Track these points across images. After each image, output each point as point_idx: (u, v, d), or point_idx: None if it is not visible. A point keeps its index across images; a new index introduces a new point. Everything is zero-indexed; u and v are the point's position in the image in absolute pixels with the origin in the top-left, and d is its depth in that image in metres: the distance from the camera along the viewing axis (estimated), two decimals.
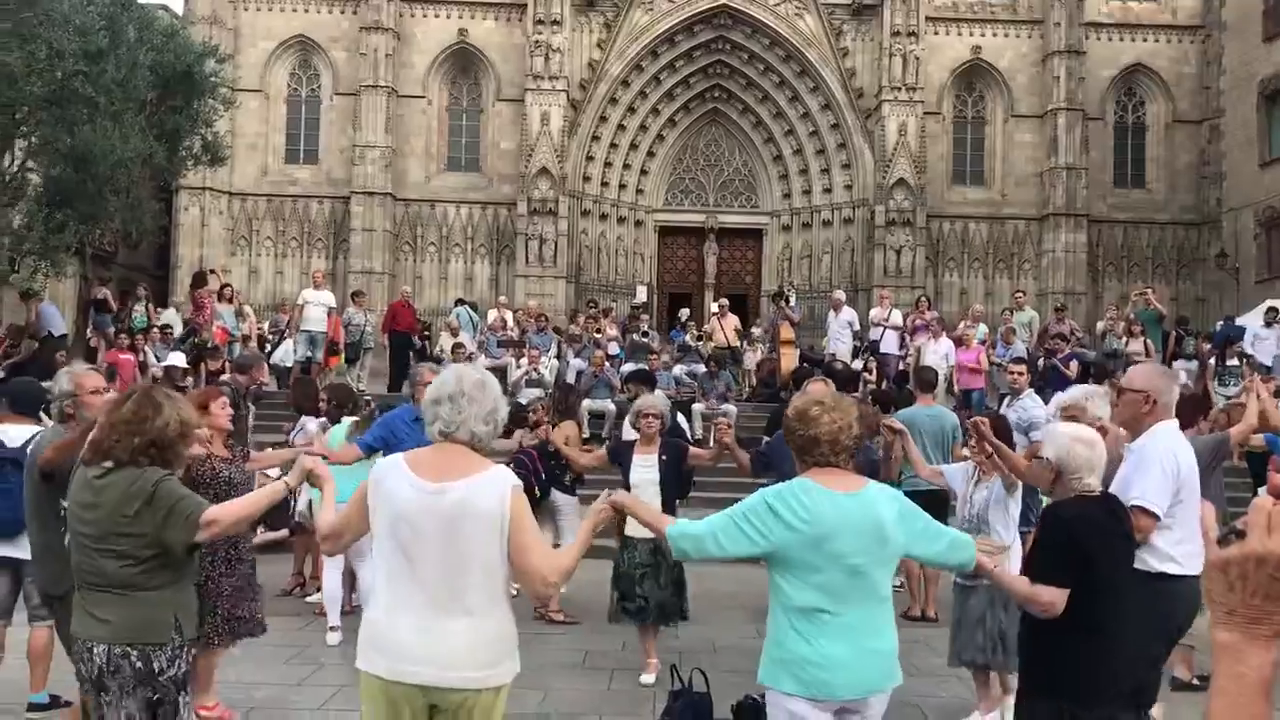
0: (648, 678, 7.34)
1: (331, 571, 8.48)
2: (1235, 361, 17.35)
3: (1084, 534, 3.86)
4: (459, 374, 3.60)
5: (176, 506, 3.70)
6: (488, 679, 3.40)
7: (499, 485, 3.43)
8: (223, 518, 3.79)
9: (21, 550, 6.00)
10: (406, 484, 3.43)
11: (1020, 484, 6.54)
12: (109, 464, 3.77)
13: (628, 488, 7.51)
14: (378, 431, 7.53)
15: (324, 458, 7.02)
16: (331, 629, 8.23)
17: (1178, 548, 4.84)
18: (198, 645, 6.00)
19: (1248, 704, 1.37)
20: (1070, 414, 5.41)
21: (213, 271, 21.68)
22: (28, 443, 6.00)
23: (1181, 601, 4.85)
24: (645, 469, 7.49)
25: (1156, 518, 4.69)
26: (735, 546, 3.59)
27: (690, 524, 3.75)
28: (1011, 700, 6.54)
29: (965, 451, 7.10)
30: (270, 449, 8.78)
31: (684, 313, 23.95)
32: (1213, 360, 17.90)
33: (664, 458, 7.56)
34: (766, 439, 9.29)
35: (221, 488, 5.65)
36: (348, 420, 9.14)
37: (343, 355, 19.69)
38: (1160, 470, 4.70)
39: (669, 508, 7.36)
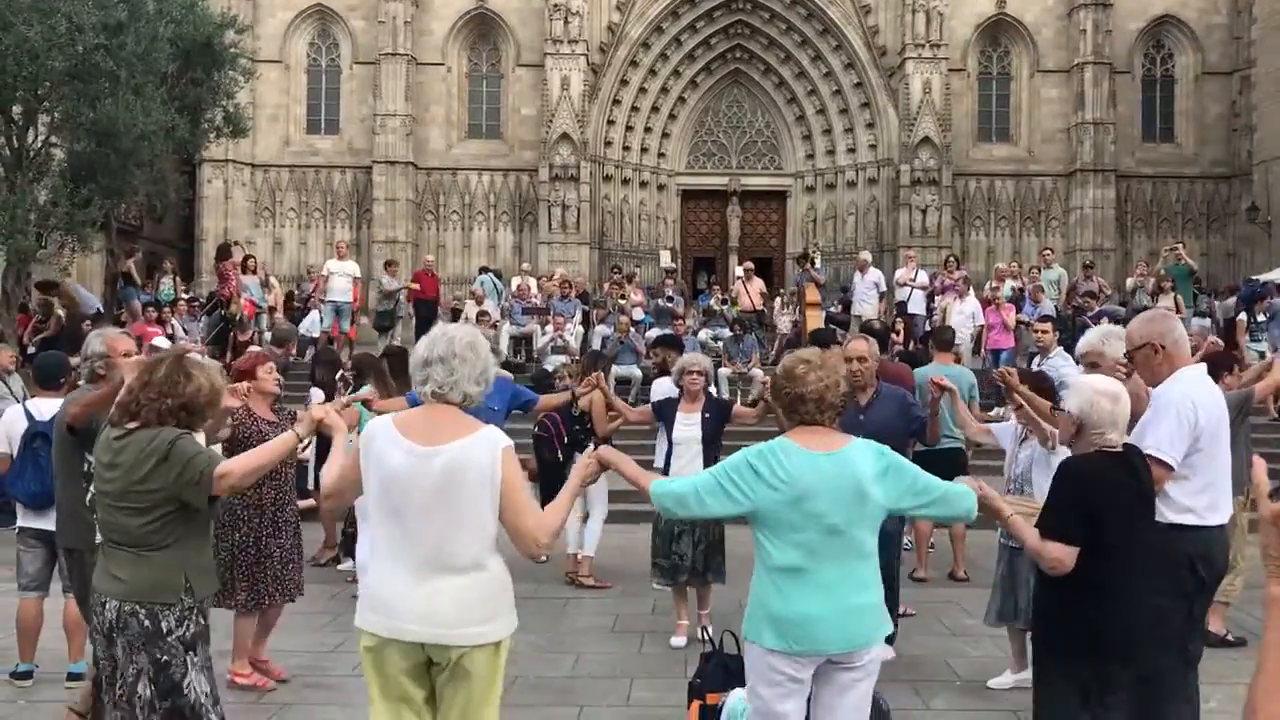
0: (678, 640, 7.35)
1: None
2: (1264, 317, 17.15)
3: (1098, 492, 3.82)
4: (449, 334, 3.60)
5: (192, 461, 3.76)
6: (483, 635, 3.44)
7: (490, 446, 3.47)
8: (235, 469, 3.84)
9: (52, 523, 6.00)
10: (396, 447, 3.47)
11: (1055, 441, 6.50)
12: (133, 425, 3.85)
13: (670, 445, 7.53)
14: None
15: (367, 405, 7.09)
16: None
17: (1197, 498, 4.65)
18: (247, 607, 6.14)
19: None
20: (1090, 359, 5.29)
21: (236, 243, 21.73)
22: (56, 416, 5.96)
23: (1202, 552, 4.66)
24: (688, 426, 7.51)
25: (1170, 468, 4.49)
26: (717, 505, 3.64)
27: (673, 481, 3.82)
28: None
29: (1004, 411, 7.03)
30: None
31: (706, 277, 23.89)
32: (1244, 315, 17.69)
33: (707, 415, 7.55)
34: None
35: None
36: (365, 387, 9.14)
37: (372, 323, 19.87)
38: (1176, 418, 4.50)
39: (711, 464, 7.36)
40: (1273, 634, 1.37)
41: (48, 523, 6.06)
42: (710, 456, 7.34)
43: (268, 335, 17.93)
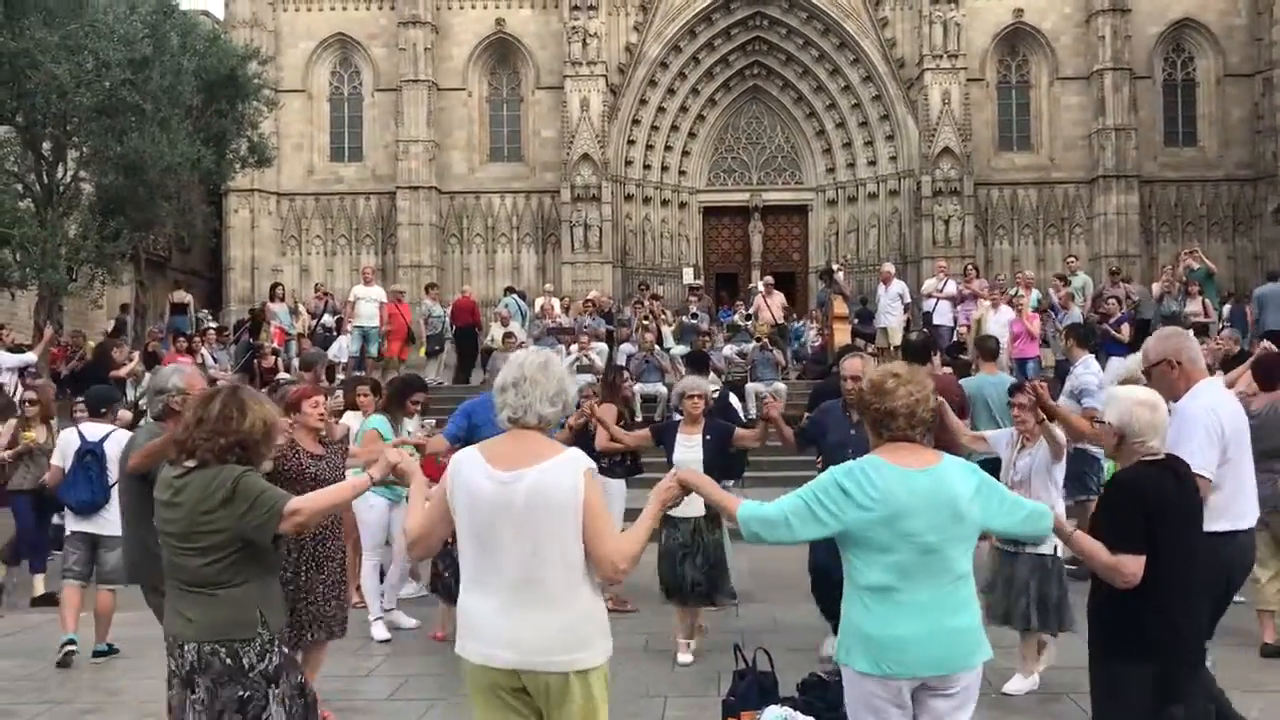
0: (685, 657, 7.37)
1: (370, 565, 8.57)
2: None
3: (1153, 500, 3.84)
4: (521, 359, 3.61)
5: (259, 499, 3.70)
6: (575, 662, 3.41)
7: (573, 468, 3.45)
8: (305, 508, 3.79)
9: (98, 526, 7.56)
10: (482, 474, 3.46)
11: (1065, 451, 6.55)
12: (191, 463, 3.79)
13: (670, 467, 7.54)
14: (460, 420, 7.58)
15: (417, 449, 7.10)
16: (375, 620, 8.29)
17: (1229, 506, 4.79)
18: (288, 643, 6.09)
19: None
20: (1128, 384, 5.34)
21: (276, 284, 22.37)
22: (105, 438, 7.69)
23: (1234, 558, 4.83)
24: (689, 449, 7.52)
25: (1209, 481, 4.62)
26: (806, 528, 3.53)
27: (761, 506, 3.66)
28: (1043, 658, 6.57)
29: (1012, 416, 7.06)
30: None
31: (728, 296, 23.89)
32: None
33: (708, 438, 7.59)
34: (808, 415, 9.29)
35: (308, 485, 5.56)
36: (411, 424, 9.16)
37: (423, 348, 19.99)
38: (1205, 432, 4.65)
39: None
40: None
41: (91, 526, 7.60)
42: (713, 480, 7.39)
43: (296, 362, 18.07)
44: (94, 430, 7.85)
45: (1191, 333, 7.22)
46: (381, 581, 8.62)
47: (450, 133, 32.47)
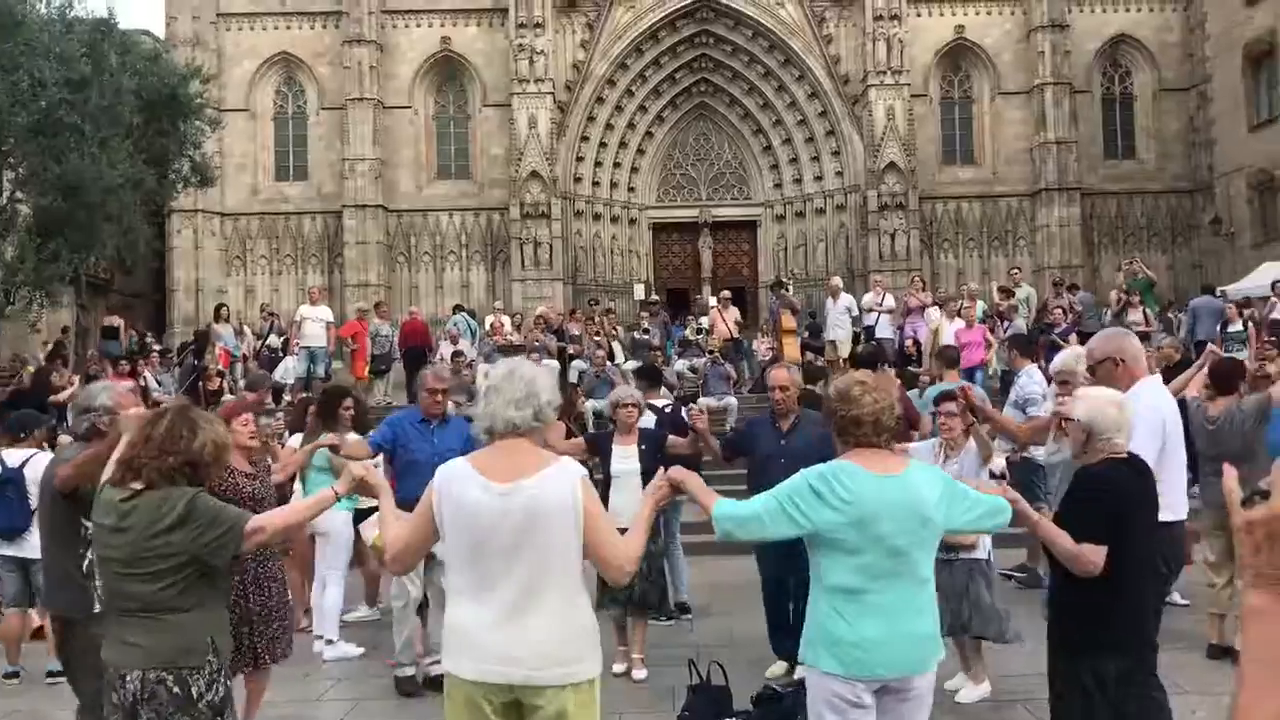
0: (639, 673, 7.33)
1: (319, 585, 8.41)
2: (1239, 326, 17.29)
3: (1119, 495, 3.97)
4: (490, 372, 3.65)
5: (216, 519, 3.58)
6: (573, 674, 3.38)
7: (569, 478, 3.44)
8: (269, 525, 3.70)
9: (23, 550, 7.41)
10: (475, 486, 3.41)
11: (993, 457, 6.68)
12: (138, 485, 3.64)
13: (608, 478, 7.54)
14: (385, 430, 7.35)
15: (334, 449, 6.96)
16: (328, 642, 8.13)
17: (1165, 498, 4.97)
18: (234, 670, 5.91)
19: None
20: (1063, 378, 5.46)
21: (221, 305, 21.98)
22: (24, 463, 7.43)
23: (1171, 548, 5.09)
24: (625, 460, 7.53)
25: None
26: (779, 527, 3.61)
27: (735, 504, 3.75)
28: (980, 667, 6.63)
29: (938, 422, 7.12)
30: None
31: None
32: (1218, 328, 17.83)
33: (643, 447, 7.61)
34: (732, 428, 9.32)
35: (245, 505, 5.39)
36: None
37: (368, 367, 19.72)
38: (1146, 427, 4.82)
39: None
40: (1252, 643, 1.37)
41: (16, 550, 7.48)
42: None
43: (242, 384, 17.82)
44: (13, 456, 7.61)
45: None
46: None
47: (397, 151, 32.30)
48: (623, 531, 3.57)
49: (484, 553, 3.39)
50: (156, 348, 20.54)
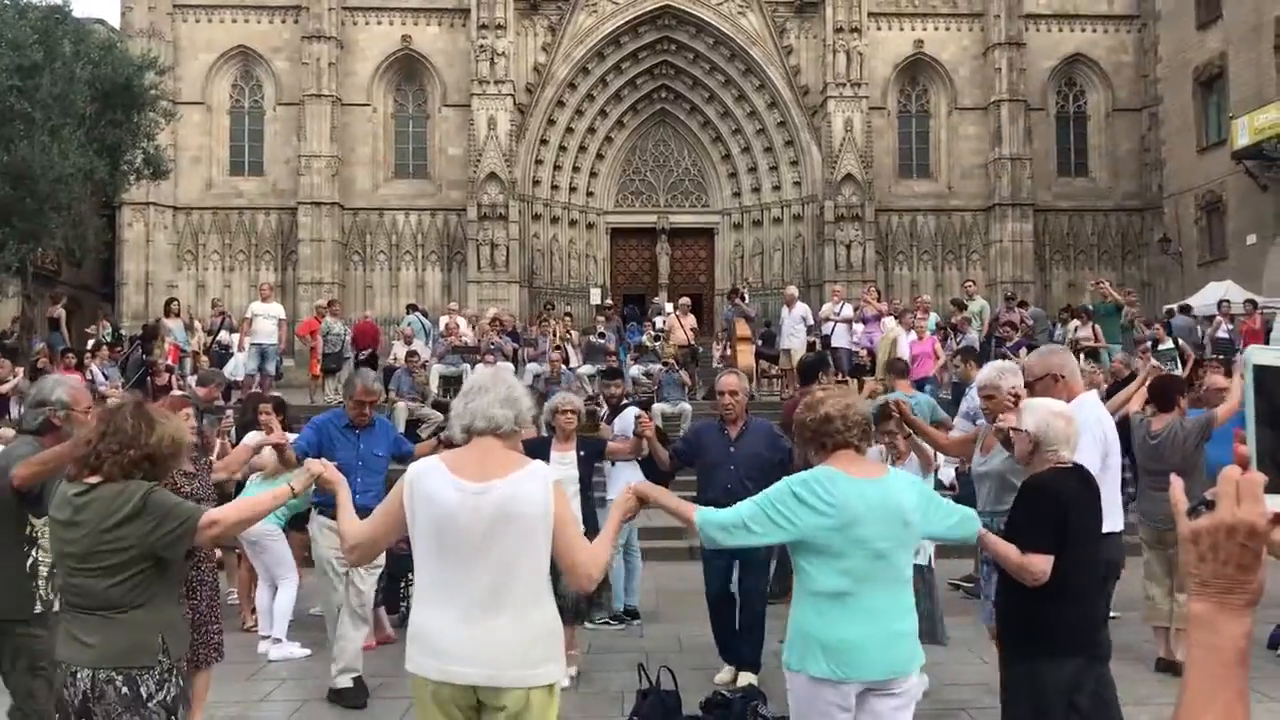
0: (571, 670, 7.32)
1: (264, 586, 8.37)
2: (1169, 345, 17.66)
3: (1066, 504, 4.03)
4: (473, 375, 3.69)
5: (172, 512, 3.55)
6: (538, 676, 3.38)
7: (542, 482, 3.45)
8: (223, 519, 3.67)
9: None
10: (448, 485, 3.41)
11: (934, 466, 6.81)
12: (94, 479, 3.60)
13: None
14: (309, 434, 7.15)
15: (279, 449, 6.88)
16: (275, 641, 8.08)
17: (1106, 509, 5.08)
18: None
19: (1223, 675, 1.36)
20: (986, 392, 5.53)
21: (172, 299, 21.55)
22: None
23: (1112, 556, 5.23)
24: (564, 466, 7.44)
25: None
26: (765, 533, 3.66)
27: (717, 512, 3.78)
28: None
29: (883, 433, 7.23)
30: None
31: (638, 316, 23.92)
32: (1150, 344, 18.16)
33: (582, 454, 7.61)
34: (682, 436, 9.35)
35: None
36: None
37: (320, 365, 19.45)
38: (1090, 438, 4.93)
39: (589, 506, 7.55)
40: (1196, 651, 1.39)
41: None
42: (586, 496, 7.52)
43: (192, 380, 17.59)
44: None
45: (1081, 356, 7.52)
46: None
47: (354, 148, 32.06)
48: None
49: (453, 551, 3.39)
50: (107, 340, 20.17)
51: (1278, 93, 26.39)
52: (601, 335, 20.72)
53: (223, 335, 20.77)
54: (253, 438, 9.47)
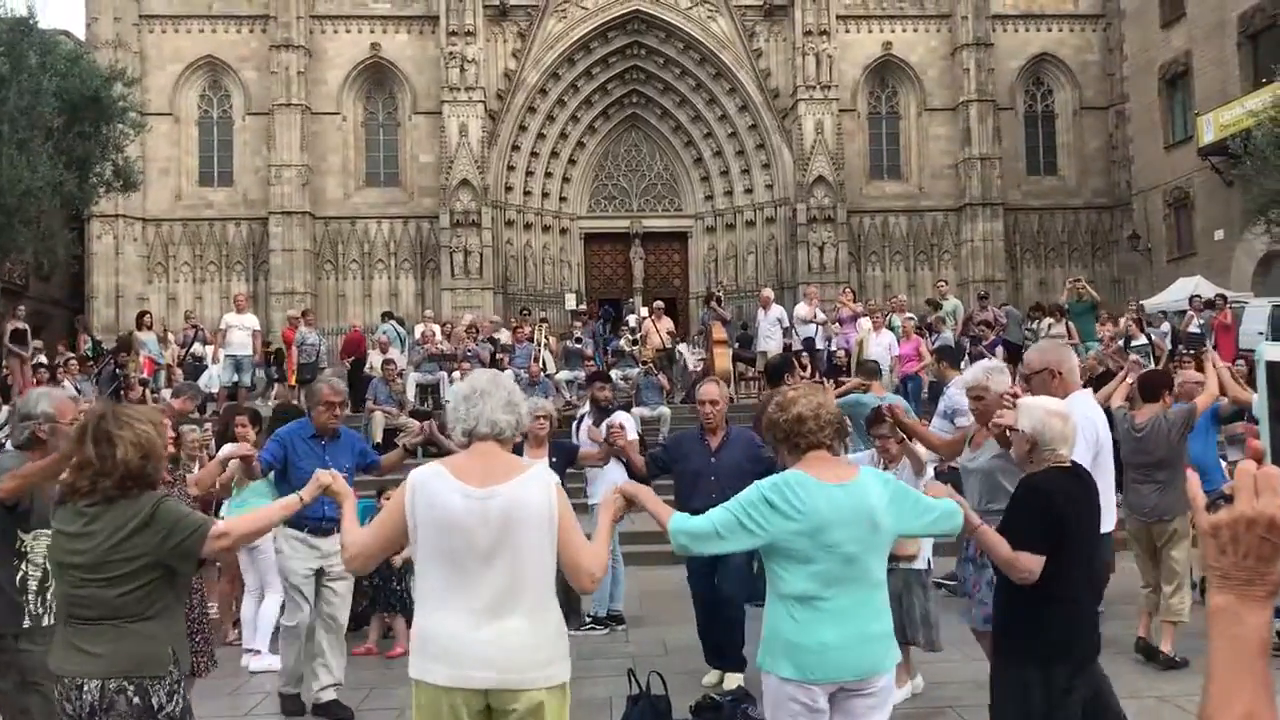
0: None
1: (250, 599, 8.29)
2: (1144, 340, 17.84)
3: (1062, 505, 4.02)
4: (471, 378, 3.68)
5: (182, 522, 3.51)
6: (550, 677, 3.41)
7: (545, 485, 3.48)
8: (234, 530, 3.64)
9: None
10: (453, 491, 3.42)
11: (927, 468, 6.82)
12: (95, 499, 3.54)
13: None
14: (274, 447, 6.90)
15: (246, 460, 6.81)
16: (255, 653, 8.03)
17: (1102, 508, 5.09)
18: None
19: (1247, 665, 1.37)
20: (975, 393, 5.53)
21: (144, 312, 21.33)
22: None
23: (1105, 557, 5.30)
24: None
25: None
26: (735, 539, 3.65)
27: (689, 518, 3.78)
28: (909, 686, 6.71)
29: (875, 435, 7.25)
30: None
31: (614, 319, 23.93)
32: (1123, 341, 18.33)
33: (554, 460, 7.61)
34: (660, 444, 9.34)
35: None
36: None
37: (295, 375, 19.29)
38: (1081, 438, 4.92)
39: None
40: (1219, 642, 1.40)
41: None
42: None
43: (166, 393, 17.43)
44: None
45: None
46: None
47: (325, 157, 31.89)
48: None
49: (460, 557, 3.40)
50: (73, 356, 19.95)
51: (1242, 89, 26.70)
52: (578, 340, 20.70)
53: (196, 347, 20.61)
54: (226, 450, 9.43)
